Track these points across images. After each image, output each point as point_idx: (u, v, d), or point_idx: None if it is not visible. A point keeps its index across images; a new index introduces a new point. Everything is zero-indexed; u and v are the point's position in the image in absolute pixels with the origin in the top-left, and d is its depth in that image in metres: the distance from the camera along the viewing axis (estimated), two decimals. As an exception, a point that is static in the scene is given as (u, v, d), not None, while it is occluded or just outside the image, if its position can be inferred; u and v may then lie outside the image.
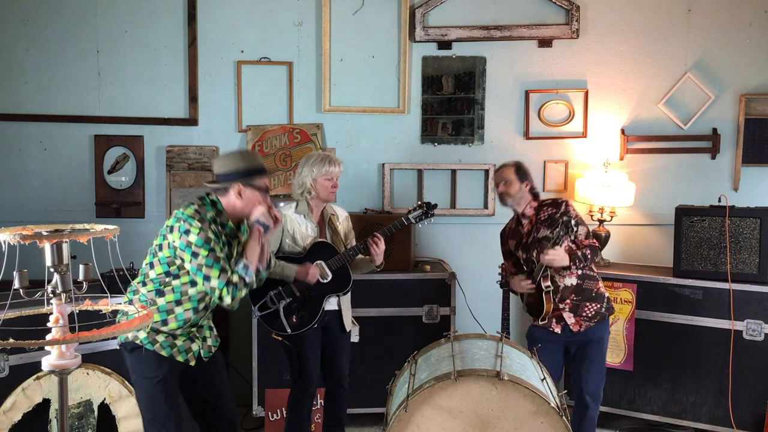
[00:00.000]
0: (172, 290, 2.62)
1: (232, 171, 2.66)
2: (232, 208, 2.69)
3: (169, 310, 2.62)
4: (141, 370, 2.64)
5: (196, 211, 2.59)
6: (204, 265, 2.53)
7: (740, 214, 3.73)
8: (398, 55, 4.44)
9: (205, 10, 4.36)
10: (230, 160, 2.71)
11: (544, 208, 3.34)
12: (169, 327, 2.63)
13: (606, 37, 4.48)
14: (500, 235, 3.56)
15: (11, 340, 1.82)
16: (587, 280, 3.30)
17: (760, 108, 4.43)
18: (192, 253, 2.53)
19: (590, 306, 3.27)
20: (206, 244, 2.53)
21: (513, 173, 3.35)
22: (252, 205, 2.68)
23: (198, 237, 2.53)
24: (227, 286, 2.54)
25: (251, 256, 2.64)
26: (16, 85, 4.32)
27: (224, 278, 2.54)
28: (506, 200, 3.37)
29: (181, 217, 2.56)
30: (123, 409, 3.22)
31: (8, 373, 2.94)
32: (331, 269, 3.25)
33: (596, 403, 3.34)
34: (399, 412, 2.49)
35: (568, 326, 3.27)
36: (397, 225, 3.37)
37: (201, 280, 2.55)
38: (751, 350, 3.67)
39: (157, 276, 2.62)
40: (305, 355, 3.25)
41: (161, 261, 2.61)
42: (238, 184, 2.65)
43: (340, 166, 3.30)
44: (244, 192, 2.66)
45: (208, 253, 2.53)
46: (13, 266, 1.83)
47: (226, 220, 2.70)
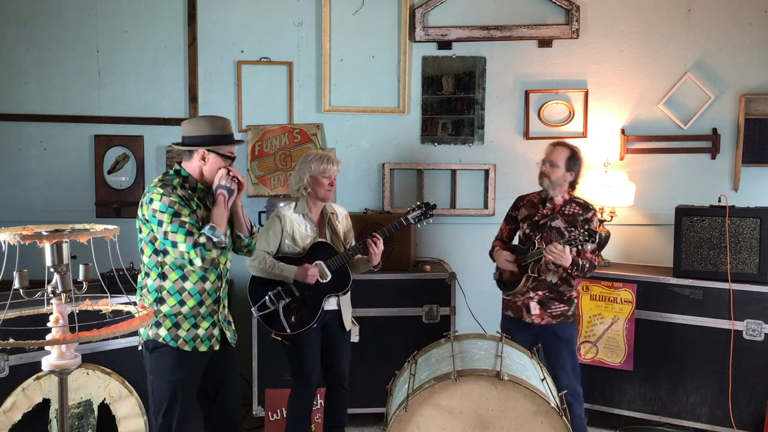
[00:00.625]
0: (171, 268, 2.60)
1: (199, 135, 2.65)
2: (198, 173, 2.67)
3: (180, 289, 2.61)
4: (160, 371, 2.63)
5: (159, 180, 2.59)
6: (169, 231, 2.51)
7: (740, 214, 3.73)
8: (398, 55, 4.45)
9: (205, 10, 4.36)
10: (199, 124, 2.68)
11: (573, 204, 3.37)
12: (188, 306, 2.61)
13: (606, 37, 4.48)
14: (517, 199, 3.55)
15: (11, 340, 1.82)
16: (566, 284, 3.35)
17: (760, 108, 4.43)
18: (158, 222, 2.52)
19: (557, 306, 3.34)
20: (170, 207, 2.51)
21: (564, 160, 3.30)
22: (215, 170, 2.66)
23: (161, 203, 2.52)
24: (195, 248, 2.51)
25: (216, 218, 2.60)
26: (16, 85, 4.32)
27: (191, 241, 2.51)
28: (543, 181, 3.35)
29: (146, 191, 2.58)
30: (123, 409, 3.22)
31: (8, 373, 2.94)
32: (331, 269, 3.25)
33: (577, 401, 3.36)
34: (399, 412, 2.49)
35: (532, 317, 3.34)
36: (396, 225, 3.37)
37: (171, 248, 2.53)
38: (751, 350, 3.66)
39: (149, 259, 2.61)
40: (305, 355, 3.25)
41: (145, 241, 2.60)
42: (202, 150, 2.63)
43: (338, 165, 3.30)
44: (207, 157, 2.64)
45: (172, 219, 2.51)
46: (13, 266, 1.83)
47: (195, 183, 2.67)
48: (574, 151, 3.35)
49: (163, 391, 2.62)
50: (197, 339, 2.64)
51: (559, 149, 3.34)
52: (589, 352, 3.98)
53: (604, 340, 3.96)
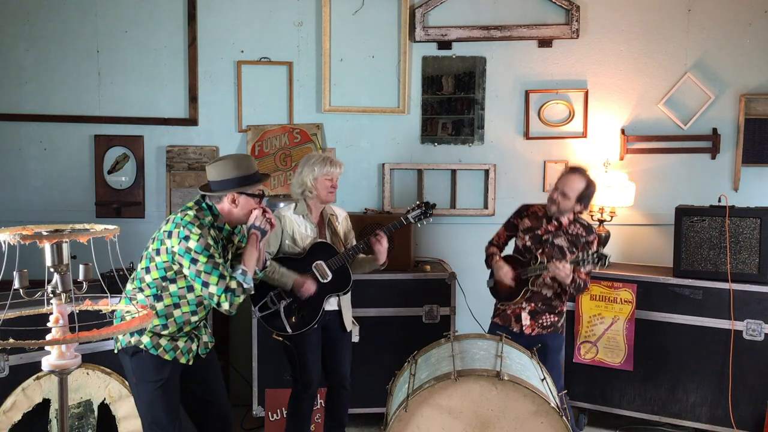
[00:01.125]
0: (170, 295, 2.62)
1: (226, 179, 2.64)
2: (227, 214, 2.69)
3: (168, 314, 2.62)
4: (142, 374, 2.63)
5: (196, 217, 2.58)
6: (203, 271, 2.52)
7: (740, 214, 3.73)
8: (398, 55, 4.44)
9: (205, 10, 4.36)
10: (224, 167, 2.66)
11: (578, 224, 3.40)
12: (169, 330, 2.63)
13: (606, 37, 4.48)
14: (521, 207, 3.53)
15: (11, 340, 1.82)
16: (557, 299, 3.40)
17: (760, 108, 4.43)
18: (191, 260, 2.52)
19: (548, 317, 3.38)
20: (206, 250, 2.52)
21: (576, 193, 3.25)
22: (247, 211, 2.68)
23: (198, 243, 2.51)
24: (225, 293, 2.53)
25: (249, 262, 2.64)
26: (16, 85, 4.32)
27: (222, 285, 2.53)
28: (552, 207, 3.33)
29: (180, 223, 2.55)
30: (123, 409, 3.22)
31: (8, 373, 2.94)
32: (331, 269, 3.24)
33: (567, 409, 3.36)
34: (399, 412, 2.49)
35: (522, 327, 3.35)
36: (396, 224, 3.37)
37: (199, 286, 2.55)
38: (751, 350, 3.66)
39: (153, 281, 2.61)
40: (306, 356, 3.25)
41: (158, 266, 2.60)
42: (232, 193, 2.64)
43: (340, 167, 3.30)
44: (238, 200, 2.66)
45: (207, 260, 2.52)
46: (13, 266, 1.83)
47: (223, 224, 2.70)
48: (589, 183, 3.28)
49: (148, 393, 2.63)
50: (177, 350, 2.67)
51: (575, 179, 3.26)
52: (589, 352, 3.98)
53: (604, 340, 3.96)
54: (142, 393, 2.66)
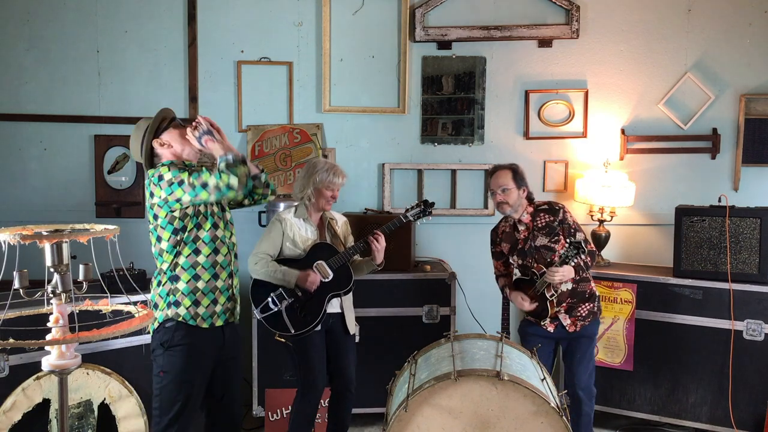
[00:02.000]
0: (185, 244, 2.63)
1: (141, 139, 2.69)
2: (178, 158, 2.70)
3: (193, 264, 2.64)
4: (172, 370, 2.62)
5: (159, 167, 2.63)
6: (193, 180, 2.54)
7: (740, 214, 3.73)
8: (398, 55, 4.45)
9: (205, 10, 4.36)
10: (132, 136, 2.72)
11: (541, 214, 3.34)
12: (204, 280, 2.64)
13: (606, 37, 4.48)
14: (491, 234, 3.52)
15: (11, 340, 1.82)
16: (582, 282, 3.33)
17: (760, 108, 4.43)
18: (178, 183, 2.55)
19: (584, 306, 3.32)
20: (181, 169, 2.58)
21: (510, 179, 3.30)
22: (182, 140, 2.68)
23: (170, 171, 2.56)
24: (221, 174, 2.54)
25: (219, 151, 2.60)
26: (16, 85, 4.32)
27: (215, 172, 2.54)
28: (505, 209, 3.33)
29: (149, 178, 2.61)
30: (123, 409, 3.22)
31: (8, 373, 2.94)
32: (332, 268, 3.24)
33: (590, 399, 3.34)
34: (399, 412, 2.49)
35: (563, 326, 3.30)
36: (396, 223, 3.37)
37: (203, 193, 2.55)
38: (751, 350, 3.66)
39: (168, 242, 2.63)
40: (310, 358, 3.23)
41: (162, 226, 2.62)
42: (154, 141, 2.68)
43: (343, 178, 3.30)
44: (163, 140, 2.69)
45: (188, 173, 2.56)
46: (13, 266, 1.83)
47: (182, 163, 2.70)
48: (513, 168, 3.35)
49: (173, 390, 2.62)
50: (214, 315, 2.68)
51: (501, 173, 3.33)
52: (589, 352, 3.98)
53: (604, 340, 3.96)
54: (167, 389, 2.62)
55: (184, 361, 2.62)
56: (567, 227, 3.28)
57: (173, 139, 2.68)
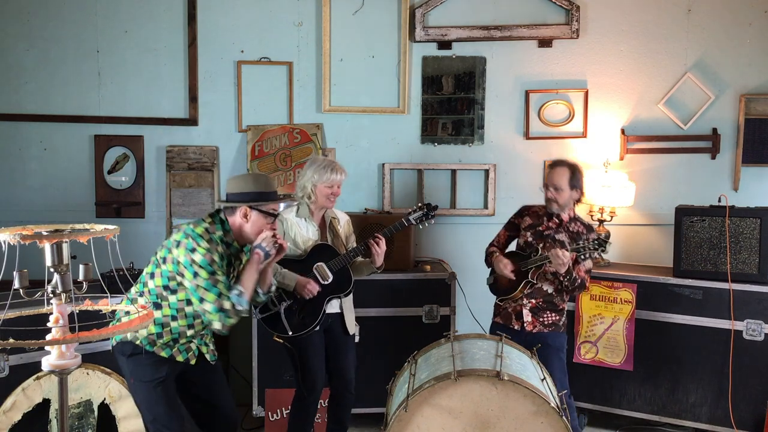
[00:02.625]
0: (169, 305, 2.62)
1: (242, 192, 2.68)
2: (238, 229, 2.70)
3: (165, 324, 2.63)
4: (139, 374, 2.64)
5: (206, 230, 2.59)
6: (202, 287, 2.53)
7: (740, 214, 3.73)
8: (398, 55, 4.44)
9: (205, 10, 4.36)
10: (242, 181, 2.72)
11: (578, 223, 3.40)
12: (163, 340, 2.64)
13: (606, 37, 4.48)
14: (521, 208, 3.56)
15: (11, 340, 1.82)
16: (558, 295, 3.38)
17: (760, 108, 4.43)
18: (194, 273, 2.53)
19: (549, 315, 3.37)
20: (209, 266, 2.53)
21: (566, 181, 3.29)
22: (258, 229, 2.69)
23: (203, 258, 2.53)
24: (219, 312, 2.54)
25: (247, 283, 2.64)
26: (16, 85, 4.32)
27: (218, 304, 2.54)
28: (552, 206, 3.35)
29: (190, 234, 2.56)
30: (123, 409, 3.22)
31: (8, 373, 2.94)
32: (332, 271, 3.24)
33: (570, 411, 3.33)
34: (399, 412, 2.49)
35: (524, 324, 3.34)
36: (398, 226, 3.36)
37: (196, 300, 2.56)
38: (751, 350, 3.66)
39: (155, 288, 2.62)
40: (308, 359, 3.23)
41: (163, 274, 2.61)
42: (245, 206, 2.66)
43: (342, 174, 3.28)
44: (250, 215, 2.67)
45: (209, 276, 2.53)
46: (13, 266, 1.83)
47: (232, 240, 2.71)
48: (573, 168, 3.33)
49: (146, 392, 2.64)
50: (174, 348, 2.67)
51: (559, 171, 3.32)
52: (589, 352, 3.98)
53: (604, 340, 3.96)
54: (140, 392, 2.66)
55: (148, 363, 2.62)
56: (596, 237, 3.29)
57: (255, 222, 2.68)
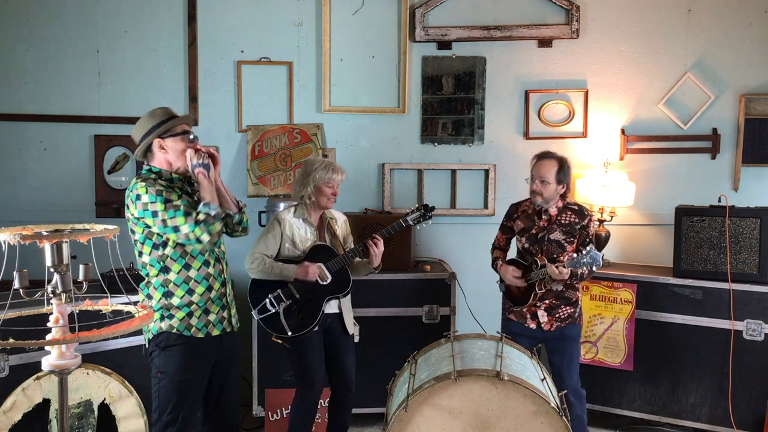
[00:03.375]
0: (172, 259, 2.58)
1: (146, 130, 2.63)
2: (167, 165, 2.64)
3: (186, 279, 2.59)
4: (170, 371, 2.60)
5: (138, 180, 2.56)
6: (167, 218, 2.49)
7: (740, 214, 3.73)
8: (398, 55, 4.44)
9: (205, 10, 4.36)
10: (141, 121, 2.65)
11: (568, 212, 3.34)
12: (198, 293, 2.60)
13: (606, 37, 4.48)
14: (510, 208, 3.52)
15: (11, 340, 1.82)
16: (570, 289, 3.35)
17: (760, 108, 4.43)
18: (152, 213, 2.49)
19: (565, 309, 3.34)
20: (158, 196, 2.49)
21: (554, 174, 3.26)
22: (180, 153, 2.62)
23: (149, 194, 2.49)
24: (197, 225, 2.49)
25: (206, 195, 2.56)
26: (16, 85, 4.32)
27: (191, 220, 2.48)
28: (537, 199, 3.32)
29: (128, 191, 2.55)
30: (123, 409, 3.22)
31: (8, 373, 2.94)
32: (331, 271, 3.24)
33: (580, 401, 3.34)
34: (399, 412, 2.49)
35: (540, 324, 3.32)
36: (396, 227, 3.36)
37: (173, 235, 2.51)
38: (751, 350, 3.67)
39: (150, 256, 2.59)
40: (308, 359, 3.24)
41: (141, 241, 2.58)
42: (156, 140, 2.61)
43: (342, 174, 3.28)
44: (165, 144, 2.62)
45: (165, 205, 2.49)
46: (13, 266, 1.83)
47: (170, 174, 2.64)
48: (561, 162, 3.30)
49: (170, 391, 2.60)
50: (209, 325, 2.65)
51: (546, 163, 3.29)
52: (589, 352, 3.98)
53: (604, 340, 3.96)
54: (167, 390, 2.60)
55: (181, 361, 2.60)
56: (585, 234, 3.30)
57: (174, 148, 2.62)
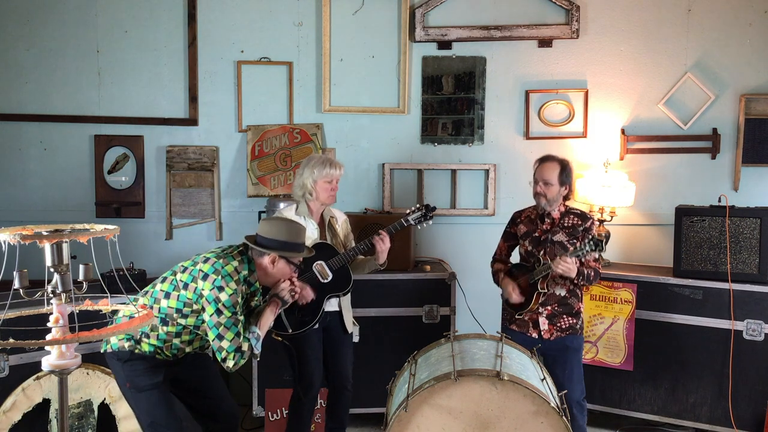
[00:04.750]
0: (176, 324, 2.64)
1: (275, 239, 2.69)
2: (262, 272, 2.74)
3: (167, 340, 2.65)
4: (136, 381, 2.64)
5: (235, 270, 2.61)
6: (223, 325, 2.55)
7: (740, 214, 3.73)
8: (398, 55, 4.44)
9: (205, 10, 4.36)
10: (276, 227, 2.73)
11: (571, 215, 3.35)
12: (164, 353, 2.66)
13: (606, 37, 4.48)
14: (513, 214, 3.52)
15: (11, 340, 1.82)
16: (573, 297, 3.33)
17: (760, 108, 4.43)
18: (216, 310, 2.55)
19: (566, 319, 3.32)
20: (233, 307, 2.56)
21: (557, 177, 3.27)
22: (281, 276, 2.76)
23: (229, 299, 2.55)
24: (235, 352, 2.57)
25: (264, 327, 2.71)
26: (16, 85, 4.32)
27: (236, 343, 2.57)
28: (541, 201, 3.32)
29: (220, 271, 2.57)
30: (123, 409, 3.22)
31: (8, 373, 2.94)
32: (332, 269, 3.24)
33: (582, 413, 3.33)
34: (399, 412, 2.49)
35: (540, 332, 3.30)
36: (397, 226, 3.37)
37: (213, 336, 2.57)
38: (751, 350, 3.66)
39: (167, 308, 2.63)
40: (306, 357, 3.24)
41: (180, 298, 2.62)
42: (275, 254, 2.70)
43: (340, 169, 3.30)
44: (278, 263, 2.72)
45: (231, 316, 2.56)
46: (13, 266, 1.83)
47: (255, 281, 2.75)
48: (563, 164, 3.31)
49: (144, 398, 2.64)
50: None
51: (549, 166, 3.30)
52: (589, 352, 3.98)
53: (604, 340, 3.96)
54: (138, 398, 2.65)
55: (145, 367, 2.63)
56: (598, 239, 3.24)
57: (280, 270, 2.75)
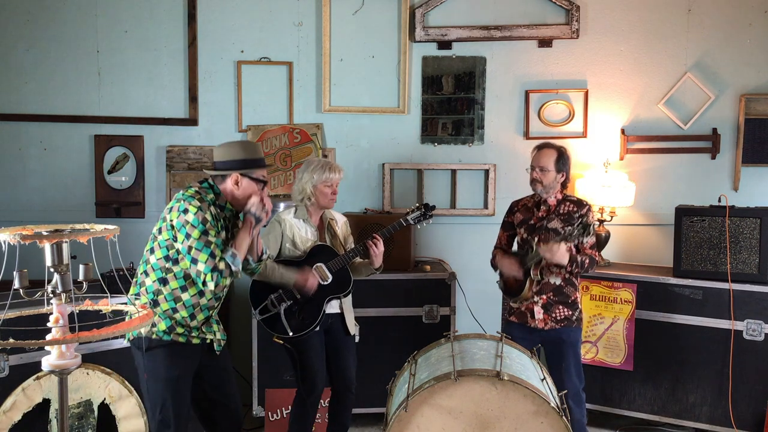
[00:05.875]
0: (175, 277, 2.61)
1: (232, 159, 2.69)
2: (229, 195, 2.71)
3: (176, 298, 2.62)
4: (155, 371, 2.62)
5: (197, 192, 2.62)
6: (194, 247, 2.53)
7: (740, 214, 3.73)
8: (398, 55, 4.44)
9: (205, 10, 4.36)
10: (231, 148, 2.73)
11: (567, 202, 3.35)
12: (180, 315, 2.62)
13: (606, 37, 4.48)
14: (511, 204, 3.53)
15: (11, 340, 1.82)
16: (569, 285, 3.32)
17: (760, 108, 4.43)
18: (185, 234, 2.54)
19: (561, 309, 3.30)
20: (201, 224, 2.54)
21: (553, 163, 3.27)
22: (248, 195, 2.70)
23: (195, 216, 2.54)
24: (212, 272, 2.54)
25: (240, 246, 2.65)
26: (16, 85, 4.32)
27: (211, 263, 2.53)
28: (537, 187, 3.32)
29: (181, 198, 2.59)
30: (123, 409, 3.22)
31: (8, 373, 2.94)
32: (331, 271, 3.24)
33: (580, 407, 3.32)
34: (399, 412, 2.49)
35: (536, 322, 3.30)
36: (396, 226, 3.37)
37: (188, 261, 2.55)
38: (751, 350, 3.66)
39: (157, 261, 2.62)
40: (308, 359, 3.24)
41: (161, 245, 2.61)
42: (236, 173, 2.68)
43: (340, 173, 3.29)
44: (241, 181, 2.69)
45: (200, 236, 2.53)
46: (13, 266, 1.83)
47: (225, 203, 2.72)
48: (560, 151, 3.32)
49: (158, 390, 2.63)
50: (190, 333, 2.67)
51: (546, 152, 3.31)
52: (589, 352, 3.98)
53: (604, 340, 3.96)
54: (154, 390, 2.64)
55: (165, 360, 2.62)
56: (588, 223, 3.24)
57: (245, 188, 2.70)
